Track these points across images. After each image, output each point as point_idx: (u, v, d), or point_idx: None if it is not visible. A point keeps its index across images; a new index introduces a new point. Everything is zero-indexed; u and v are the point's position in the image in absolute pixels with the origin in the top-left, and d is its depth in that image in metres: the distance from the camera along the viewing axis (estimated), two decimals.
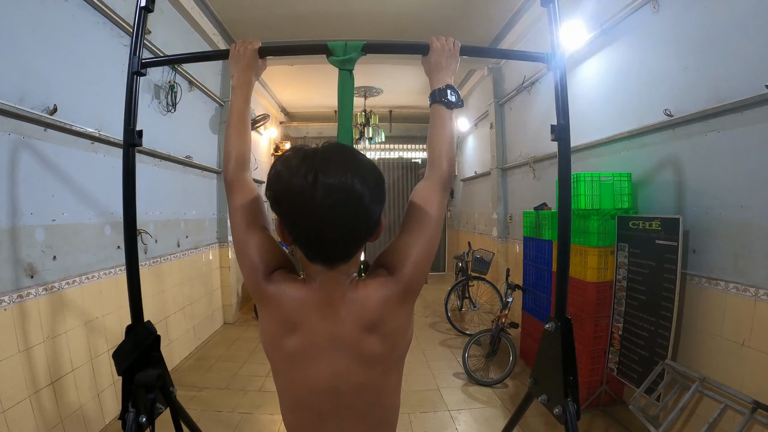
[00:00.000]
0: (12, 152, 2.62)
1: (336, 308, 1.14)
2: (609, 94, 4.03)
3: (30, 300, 2.70)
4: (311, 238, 1.07)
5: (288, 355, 1.17)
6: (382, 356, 1.18)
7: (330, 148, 1.07)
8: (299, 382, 1.19)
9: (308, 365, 1.16)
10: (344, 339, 1.14)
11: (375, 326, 1.14)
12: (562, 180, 1.83)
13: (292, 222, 1.07)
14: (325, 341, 1.15)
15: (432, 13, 5.42)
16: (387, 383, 1.25)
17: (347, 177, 1.01)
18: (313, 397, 1.19)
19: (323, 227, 1.02)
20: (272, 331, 1.18)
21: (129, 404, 1.72)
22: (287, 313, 1.14)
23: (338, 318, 1.14)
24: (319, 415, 1.21)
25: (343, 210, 1.01)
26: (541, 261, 4.39)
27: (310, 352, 1.15)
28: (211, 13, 5.35)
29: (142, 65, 1.79)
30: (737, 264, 2.67)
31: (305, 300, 1.14)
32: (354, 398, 1.19)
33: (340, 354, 1.15)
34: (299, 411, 1.25)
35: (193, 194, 5.36)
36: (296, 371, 1.18)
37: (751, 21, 2.56)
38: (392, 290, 1.16)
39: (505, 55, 2.75)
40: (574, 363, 1.80)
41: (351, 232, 1.06)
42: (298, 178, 1.00)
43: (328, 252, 1.09)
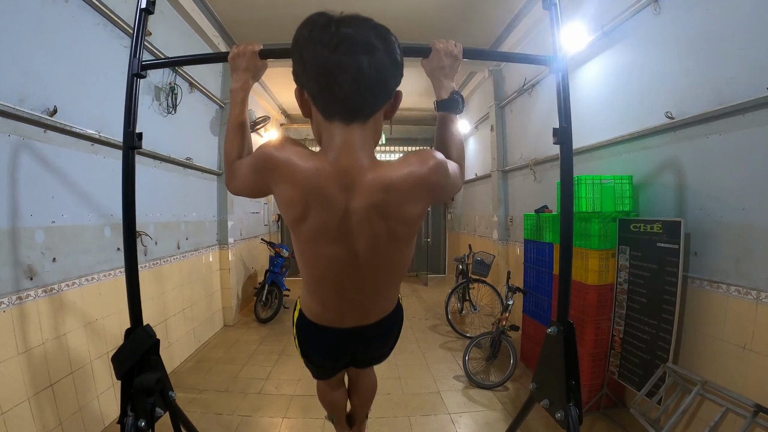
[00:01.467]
0: (12, 153, 2.61)
1: (354, 182, 1.21)
2: (610, 97, 4.03)
3: (29, 302, 2.69)
4: (329, 87, 1.15)
5: (308, 231, 1.28)
6: (396, 236, 1.31)
7: (351, 13, 1.18)
8: (319, 256, 1.34)
9: (326, 240, 1.28)
10: (360, 215, 1.24)
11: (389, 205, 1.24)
12: (565, 183, 1.83)
13: (311, 74, 1.16)
14: (342, 216, 1.24)
15: (432, 15, 5.42)
16: (398, 256, 1.41)
17: (365, 32, 1.14)
18: (332, 269, 1.35)
19: (340, 75, 1.12)
20: (291, 204, 1.25)
21: (128, 408, 1.71)
22: (303, 183, 1.21)
23: (355, 193, 1.22)
24: (338, 284, 1.40)
25: (359, 60, 1.11)
26: (542, 264, 4.38)
27: (328, 227, 1.26)
28: (212, 15, 5.35)
29: (142, 67, 1.78)
30: (739, 267, 2.66)
31: (321, 169, 1.21)
32: (369, 269, 1.36)
33: (356, 232, 1.27)
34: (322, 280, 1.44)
35: (194, 196, 5.35)
36: (315, 245, 1.31)
37: (752, 23, 2.56)
38: (416, 173, 1.24)
39: (507, 57, 2.75)
40: (576, 367, 1.80)
41: (367, 81, 1.14)
42: (320, 31, 1.12)
43: (345, 102, 1.17)
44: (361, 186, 1.20)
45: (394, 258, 1.40)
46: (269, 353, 5.22)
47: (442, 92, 1.52)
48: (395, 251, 1.37)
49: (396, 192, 1.21)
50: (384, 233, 1.27)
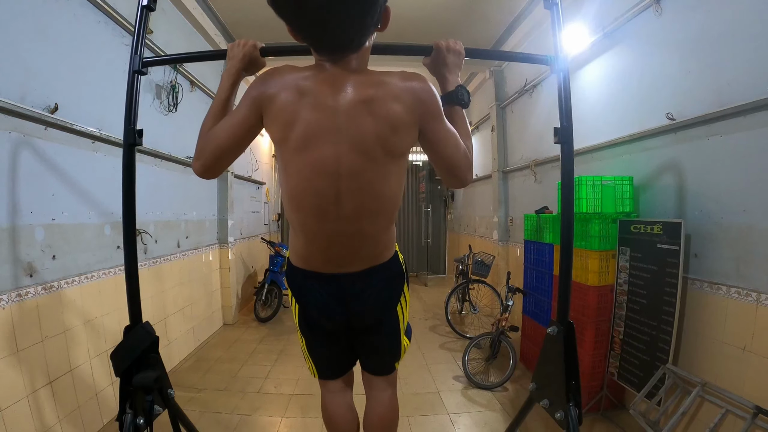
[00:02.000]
0: (12, 151, 2.61)
1: (342, 85, 1.22)
2: (611, 98, 4.02)
3: (29, 299, 2.69)
4: (311, 22, 1.14)
5: (297, 137, 1.26)
6: (380, 139, 1.28)
7: None
8: (306, 164, 1.29)
9: (314, 145, 1.26)
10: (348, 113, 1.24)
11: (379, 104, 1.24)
12: (565, 182, 1.83)
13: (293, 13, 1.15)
14: (331, 116, 1.23)
15: (433, 16, 5.43)
16: (384, 174, 1.35)
17: None
18: (317, 180, 1.30)
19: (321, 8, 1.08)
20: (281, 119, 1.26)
21: (126, 406, 1.71)
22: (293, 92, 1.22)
23: (345, 90, 1.23)
24: (321, 200, 1.33)
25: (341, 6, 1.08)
26: (542, 264, 4.38)
27: (317, 128, 1.24)
28: (214, 14, 5.36)
29: (143, 64, 1.78)
30: (739, 268, 2.66)
31: (312, 76, 1.23)
32: (352, 182, 1.30)
33: (343, 133, 1.25)
34: (305, 196, 1.35)
35: (194, 195, 5.35)
36: (304, 153, 1.28)
37: (754, 25, 2.56)
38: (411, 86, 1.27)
39: (509, 57, 2.74)
40: (576, 367, 1.80)
41: (350, 12, 1.11)
42: None
43: (331, 37, 1.17)
44: (350, 83, 1.22)
45: (379, 180, 1.34)
46: (269, 352, 5.21)
47: (448, 86, 1.52)
48: (381, 170, 1.33)
49: (382, 89, 1.23)
50: (371, 134, 1.26)
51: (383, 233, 1.49)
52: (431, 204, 10.57)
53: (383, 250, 1.55)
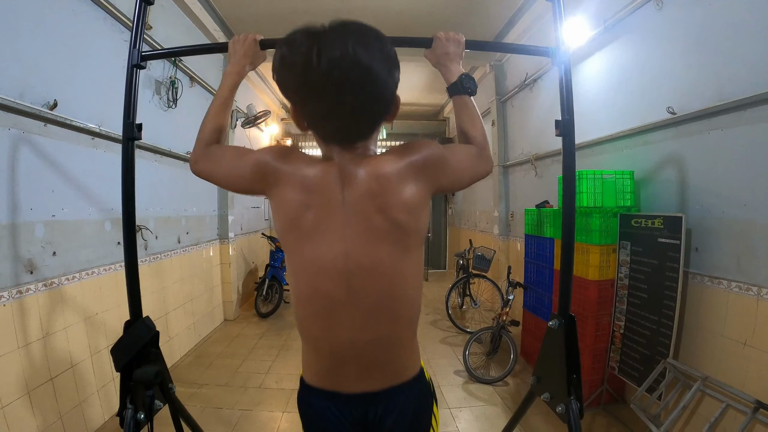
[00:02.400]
0: (12, 147, 2.61)
1: (350, 179, 1.15)
2: (611, 92, 4.01)
3: (29, 296, 2.69)
4: (322, 114, 1.09)
5: (301, 233, 1.17)
6: (393, 236, 1.16)
7: (334, 23, 1.07)
8: (311, 262, 1.17)
9: (320, 241, 1.16)
10: (356, 212, 1.14)
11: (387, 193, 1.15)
12: (567, 175, 1.82)
13: (300, 102, 1.09)
14: (338, 216, 1.15)
15: (434, 10, 5.41)
16: (399, 270, 1.20)
17: (351, 47, 1.00)
18: (324, 280, 1.16)
19: (332, 102, 1.04)
20: (286, 211, 1.18)
21: (127, 401, 1.70)
22: (300, 187, 1.15)
23: (352, 189, 1.15)
24: (330, 303, 1.17)
25: (350, 83, 1.01)
26: (543, 259, 4.38)
27: (323, 225, 1.15)
28: (213, 9, 5.34)
29: (141, 57, 1.78)
30: (740, 263, 2.65)
31: (318, 172, 1.16)
32: (365, 281, 1.15)
33: (352, 228, 1.14)
34: (312, 299, 1.21)
35: (194, 191, 5.34)
36: (309, 250, 1.17)
37: (754, 19, 2.54)
38: (406, 163, 1.18)
39: (510, 49, 2.74)
40: (577, 361, 1.79)
41: (362, 106, 1.07)
42: (300, 56, 1.01)
43: (341, 129, 1.12)
44: (358, 177, 1.15)
45: (396, 275, 1.19)
46: (269, 348, 5.22)
47: (451, 77, 1.47)
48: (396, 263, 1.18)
49: (388, 176, 1.15)
50: (381, 226, 1.14)
51: (406, 343, 1.34)
52: (432, 199, 10.51)
53: (407, 364, 1.35)
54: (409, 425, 1.30)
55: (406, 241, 1.18)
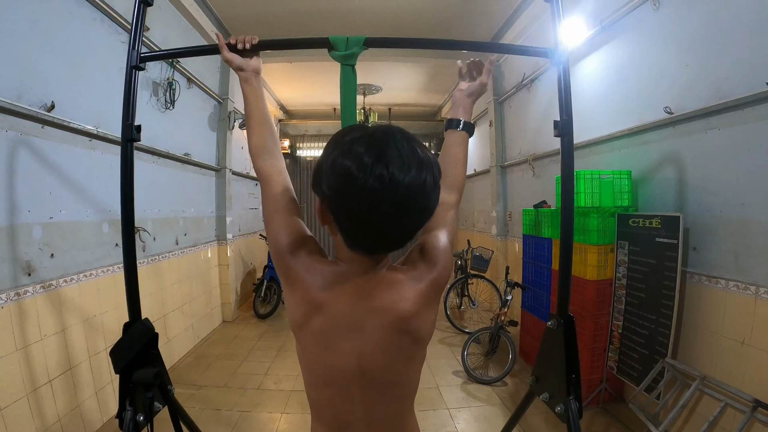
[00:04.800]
0: (9, 149, 2.60)
1: (368, 294, 1.13)
2: (609, 92, 4.02)
3: (28, 298, 2.69)
4: (366, 233, 1.03)
5: (313, 333, 1.16)
6: (409, 349, 1.18)
7: (394, 138, 1.00)
8: (323, 360, 1.18)
9: (334, 346, 1.15)
10: (373, 326, 1.13)
11: (406, 319, 1.13)
12: (565, 175, 1.82)
13: (347, 216, 1.02)
14: (353, 325, 1.13)
15: (432, 9, 5.41)
16: (410, 366, 1.24)
17: (420, 173, 0.96)
18: (337, 375, 1.18)
19: (386, 225, 0.99)
20: (298, 310, 1.16)
21: (126, 403, 1.70)
22: (314, 292, 1.12)
23: (370, 304, 1.12)
24: (341, 391, 1.19)
25: (412, 208, 0.98)
26: (541, 259, 4.38)
27: (337, 333, 1.14)
28: (210, 10, 5.33)
29: (140, 59, 1.77)
30: (738, 262, 2.66)
31: (333, 280, 1.13)
32: (376, 377, 1.18)
33: (367, 339, 1.14)
34: (323, 387, 1.23)
35: (192, 192, 5.34)
36: (321, 350, 1.17)
37: (751, 18, 2.55)
38: (427, 283, 1.16)
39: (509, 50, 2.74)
40: (576, 361, 1.80)
41: (412, 228, 1.04)
42: (371, 178, 0.93)
43: (380, 245, 1.07)
44: (379, 299, 1.12)
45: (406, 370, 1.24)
46: (268, 349, 5.22)
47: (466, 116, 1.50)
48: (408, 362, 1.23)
49: (412, 300, 1.14)
50: (399, 344, 1.17)
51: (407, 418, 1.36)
52: None
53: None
54: None
55: (419, 347, 1.22)
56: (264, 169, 1.31)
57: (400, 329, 1.14)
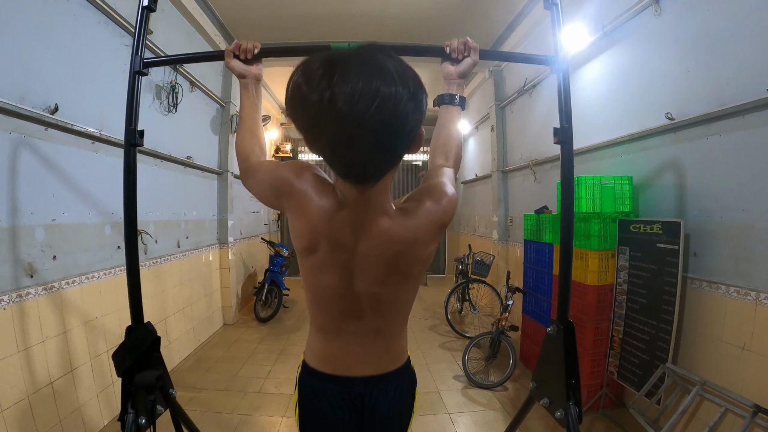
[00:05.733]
0: (13, 151, 2.61)
1: (368, 234, 1.18)
2: (610, 97, 4.03)
3: (29, 299, 2.70)
4: (338, 156, 1.01)
5: (315, 262, 1.24)
6: (406, 274, 1.28)
7: (356, 51, 0.96)
8: (322, 281, 1.27)
9: (332, 268, 1.23)
10: (372, 261, 1.21)
11: (404, 253, 1.21)
12: (565, 182, 1.83)
13: (312, 138, 1.00)
14: (354, 259, 1.21)
15: (433, 15, 5.43)
16: (400, 292, 1.33)
17: (371, 83, 0.89)
18: (333, 293, 1.28)
19: (348, 143, 0.94)
20: (302, 237, 1.22)
21: (128, 405, 1.71)
22: (316, 223, 1.17)
23: (370, 243, 1.19)
24: (337, 306, 1.32)
25: (372, 117, 0.90)
26: (542, 264, 4.39)
27: (335, 256, 1.21)
28: (213, 14, 5.36)
29: (144, 64, 1.78)
30: (738, 267, 2.66)
31: (335, 216, 1.16)
32: (373, 301, 1.29)
33: (366, 272, 1.23)
34: (320, 303, 1.35)
35: (194, 195, 5.36)
36: (321, 272, 1.26)
37: (752, 25, 2.57)
38: (433, 217, 1.22)
39: (509, 58, 2.74)
40: (576, 366, 1.80)
41: (382, 144, 0.97)
42: (315, 91, 0.90)
43: (358, 166, 1.03)
44: (373, 234, 1.16)
45: (398, 297, 1.34)
46: (269, 352, 5.22)
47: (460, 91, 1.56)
48: (399, 291, 1.32)
49: (409, 243, 1.19)
50: (394, 273, 1.24)
51: (399, 334, 1.47)
52: None
53: (400, 353, 1.51)
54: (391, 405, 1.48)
55: (413, 275, 1.31)
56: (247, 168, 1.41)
57: (395, 262, 1.22)
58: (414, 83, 0.97)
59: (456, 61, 1.57)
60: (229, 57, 1.56)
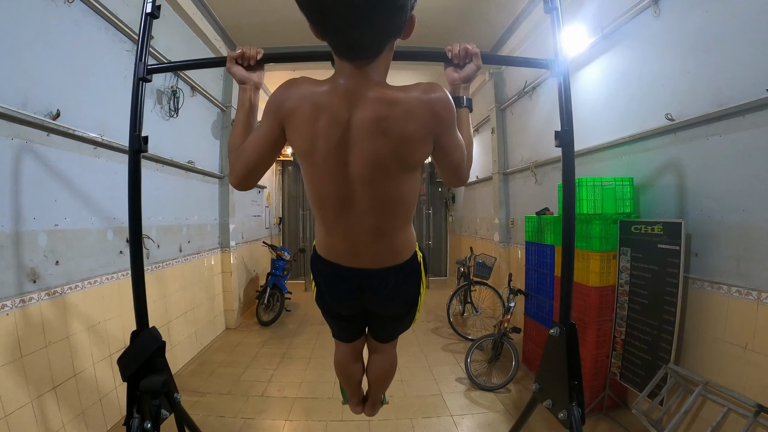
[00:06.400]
0: (15, 157, 2.63)
1: (358, 96, 1.23)
2: (610, 99, 4.04)
3: (32, 305, 2.70)
4: (333, 24, 1.11)
5: (312, 157, 1.32)
6: (398, 159, 1.31)
7: None
8: (322, 174, 1.35)
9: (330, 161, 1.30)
10: (361, 127, 1.25)
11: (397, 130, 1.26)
12: (566, 185, 1.84)
13: (317, 16, 1.12)
14: (344, 129, 1.26)
15: (432, 18, 5.44)
16: (396, 183, 1.37)
17: None
18: (333, 187, 1.35)
19: (342, 7, 1.05)
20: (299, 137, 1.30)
21: (134, 410, 1.72)
22: (310, 107, 1.25)
23: (359, 105, 1.24)
24: (338, 203, 1.39)
25: None
26: (544, 266, 4.39)
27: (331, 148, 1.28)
28: (214, 19, 5.37)
29: (147, 71, 1.79)
30: (740, 267, 2.67)
31: (328, 90, 1.24)
32: (366, 188, 1.34)
33: (357, 146, 1.28)
34: (323, 200, 1.42)
35: (195, 199, 5.37)
36: (320, 168, 1.33)
37: (752, 25, 2.58)
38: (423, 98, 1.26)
39: (509, 61, 2.76)
40: (579, 367, 1.81)
41: (372, 15, 1.08)
42: None
43: (351, 39, 1.15)
44: (366, 99, 1.23)
45: (392, 187, 1.38)
46: (271, 356, 5.22)
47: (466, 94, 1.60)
48: (393, 180, 1.36)
49: (398, 107, 1.23)
50: (384, 150, 1.28)
51: (399, 232, 1.52)
52: (432, 206, 10.61)
53: (401, 250, 1.58)
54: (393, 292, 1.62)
55: (404, 164, 1.34)
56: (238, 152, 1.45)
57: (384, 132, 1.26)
58: None
59: (458, 67, 1.59)
60: (231, 63, 1.57)
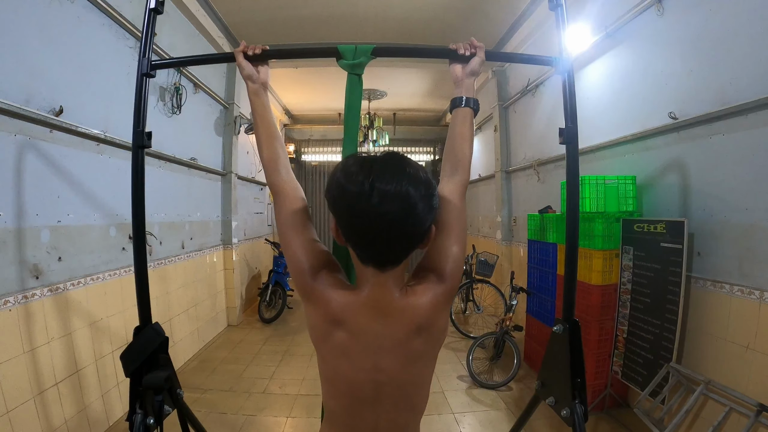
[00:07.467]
0: (18, 153, 2.63)
1: (385, 313, 1.20)
2: (613, 97, 4.03)
3: (35, 301, 2.71)
4: (365, 241, 1.12)
5: (333, 349, 1.24)
6: (424, 353, 1.27)
7: (387, 157, 1.12)
8: (343, 373, 1.26)
9: (353, 360, 1.23)
10: (391, 341, 1.21)
11: (422, 329, 1.22)
12: (570, 183, 1.83)
13: (347, 224, 1.12)
14: (372, 342, 1.21)
15: (437, 16, 5.44)
16: (423, 376, 1.33)
17: (402, 185, 1.05)
18: (354, 387, 1.26)
19: (376, 231, 1.07)
20: (319, 327, 1.24)
21: (137, 406, 1.72)
22: (334, 312, 1.20)
23: (387, 322, 1.20)
24: (358, 402, 1.27)
25: (396, 216, 1.05)
26: (546, 264, 4.39)
27: (356, 348, 1.22)
28: (217, 16, 5.37)
29: (151, 67, 1.79)
30: (742, 267, 2.66)
31: (353, 302, 1.20)
32: (393, 390, 1.26)
33: (385, 353, 1.22)
34: (340, 398, 1.31)
35: (198, 196, 5.37)
36: (341, 364, 1.25)
37: (755, 24, 2.57)
38: (439, 293, 1.24)
39: (514, 58, 2.75)
40: (581, 365, 1.80)
41: (402, 238, 1.11)
42: (355, 185, 1.05)
43: (380, 255, 1.15)
44: (394, 308, 1.20)
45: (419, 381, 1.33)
46: (273, 353, 5.23)
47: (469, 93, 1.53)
48: (424, 369, 1.33)
49: (424, 307, 1.22)
50: (418, 349, 1.25)
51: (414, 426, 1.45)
52: None
53: None
54: None
55: (434, 354, 1.32)
56: (279, 184, 1.37)
57: (413, 340, 1.22)
58: (429, 189, 1.12)
59: (463, 60, 1.57)
60: (240, 56, 1.55)
